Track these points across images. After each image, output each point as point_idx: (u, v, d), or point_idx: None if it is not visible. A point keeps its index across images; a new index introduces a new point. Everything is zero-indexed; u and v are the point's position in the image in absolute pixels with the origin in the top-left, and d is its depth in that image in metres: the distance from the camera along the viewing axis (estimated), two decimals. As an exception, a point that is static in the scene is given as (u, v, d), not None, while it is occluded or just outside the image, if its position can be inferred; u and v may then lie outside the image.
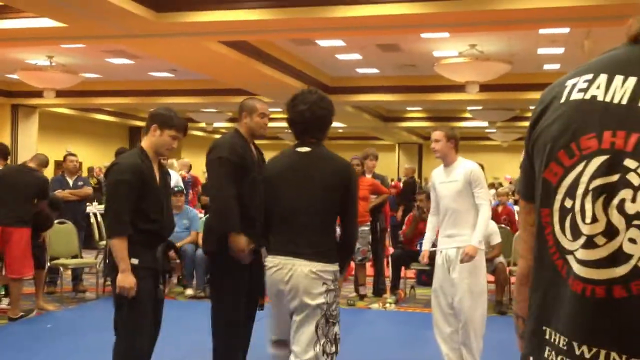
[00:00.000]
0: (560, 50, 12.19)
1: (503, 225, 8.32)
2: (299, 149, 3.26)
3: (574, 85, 1.26)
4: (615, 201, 1.12)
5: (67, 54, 13.09)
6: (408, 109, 21.33)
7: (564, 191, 1.19)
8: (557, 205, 1.20)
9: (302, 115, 3.21)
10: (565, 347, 1.16)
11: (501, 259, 7.43)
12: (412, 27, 8.95)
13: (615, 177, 1.12)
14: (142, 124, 23.85)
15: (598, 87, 1.21)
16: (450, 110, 21.13)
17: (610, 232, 1.12)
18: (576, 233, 1.16)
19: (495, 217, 8.76)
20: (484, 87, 12.74)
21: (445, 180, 4.62)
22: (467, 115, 20.48)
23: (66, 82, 13.10)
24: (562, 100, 1.25)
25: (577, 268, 1.15)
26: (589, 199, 1.14)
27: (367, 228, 7.52)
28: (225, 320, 3.94)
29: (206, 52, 10.40)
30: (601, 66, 1.26)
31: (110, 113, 21.35)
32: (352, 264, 7.67)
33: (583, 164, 1.16)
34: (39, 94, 14.33)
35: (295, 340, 3.12)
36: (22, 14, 8.75)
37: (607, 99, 1.18)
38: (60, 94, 14.34)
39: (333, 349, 3.14)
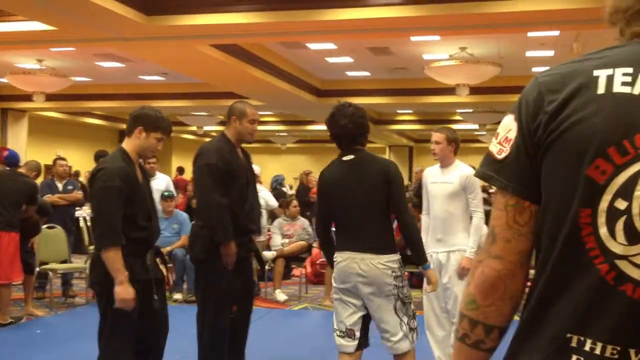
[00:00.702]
0: (549, 53, 12.26)
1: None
2: (345, 158, 3.62)
3: (610, 77, 1.14)
4: None
5: (57, 58, 13.04)
6: (398, 111, 21.38)
7: (614, 191, 1.09)
8: (603, 205, 1.10)
9: (346, 128, 3.58)
10: (616, 356, 1.08)
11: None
12: (403, 30, 8.96)
13: None
14: (132, 127, 23.75)
15: None
16: (440, 112, 21.18)
17: None
18: (633, 237, 1.08)
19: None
20: (474, 90, 12.78)
21: (439, 180, 4.57)
22: (458, 117, 20.53)
23: (56, 86, 13.03)
24: (601, 92, 1.13)
25: (637, 274, 1.07)
26: None
27: None
28: (210, 326, 3.93)
29: (197, 56, 10.38)
30: (633, 61, 1.16)
31: (101, 117, 21.27)
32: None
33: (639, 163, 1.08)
34: (28, 97, 14.25)
35: (383, 326, 3.56)
36: (11, 17, 8.71)
37: None
38: (50, 97, 14.28)
39: (415, 323, 3.61)
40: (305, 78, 14.59)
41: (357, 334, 3.61)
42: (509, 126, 1.25)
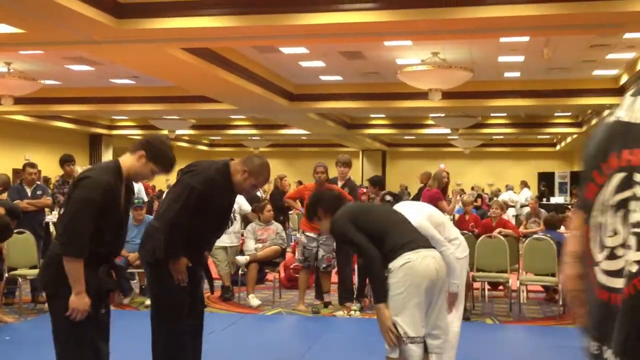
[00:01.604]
0: (520, 58, 12.40)
1: (466, 232, 8.39)
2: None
3: (621, 105, 1.36)
4: (629, 214, 1.21)
5: (26, 61, 12.86)
6: (372, 116, 21.46)
7: (597, 208, 1.29)
8: (592, 222, 1.31)
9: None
10: (596, 351, 1.29)
11: (464, 265, 7.48)
12: (375, 35, 9.00)
13: (628, 193, 1.21)
14: (102, 131, 23.55)
15: (622, 109, 1.30)
16: (413, 117, 21.32)
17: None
18: (601, 246, 1.27)
19: (462, 224, 8.83)
20: (447, 95, 12.88)
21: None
22: (430, 122, 20.67)
23: (25, 89, 12.85)
24: (608, 119, 1.37)
25: (602, 278, 1.26)
26: (611, 214, 1.24)
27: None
28: (166, 332, 3.89)
29: (168, 59, 10.30)
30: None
31: (71, 120, 21.02)
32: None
33: (608, 181, 1.26)
34: (-4, 101, 14.03)
35: (438, 323, 3.54)
36: (-22, 19, 8.57)
37: (630, 120, 1.27)
38: (18, 101, 14.05)
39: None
40: (278, 82, 14.57)
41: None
42: None
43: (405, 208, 4.05)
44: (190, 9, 8.18)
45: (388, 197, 7.53)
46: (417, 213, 3.99)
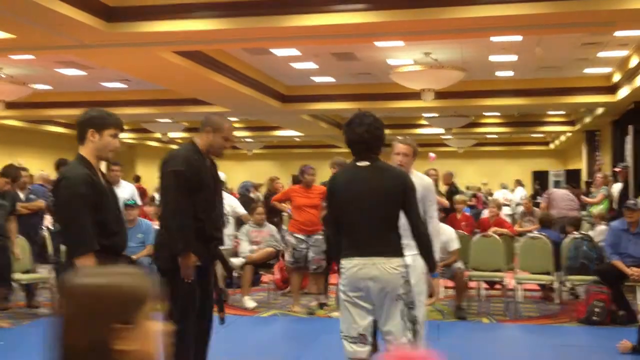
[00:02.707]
0: (512, 58, 12.41)
1: (461, 231, 8.40)
2: (359, 164, 3.66)
3: None
4: None
5: (17, 65, 12.80)
6: (364, 116, 21.42)
7: None
8: None
9: (362, 136, 3.63)
10: None
11: (459, 264, 7.49)
12: (366, 35, 8.99)
13: None
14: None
15: None
16: (406, 117, 21.30)
17: None
18: None
19: (455, 223, 8.84)
20: (439, 95, 12.87)
21: None
22: (423, 122, 20.68)
23: (16, 94, 12.79)
24: None
25: None
26: None
27: (320, 237, 7.49)
28: (176, 335, 3.88)
29: (159, 62, 10.27)
30: None
31: (62, 124, 20.95)
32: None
33: None
34: (-13, 106, 13.97)
35: (388, 329, 3.56)
36: (-32, 24, 8.51)
37: None
38: (9, 105, 13.98)
39: (416, 327, 3.64)
40: (270, 84, 14.54)
41: (369, 338, 3.61)
42: None
43: None
44: (181, 12, 8.15)
45: None
46: None
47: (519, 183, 19.57)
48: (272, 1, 7.95)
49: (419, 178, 4.57)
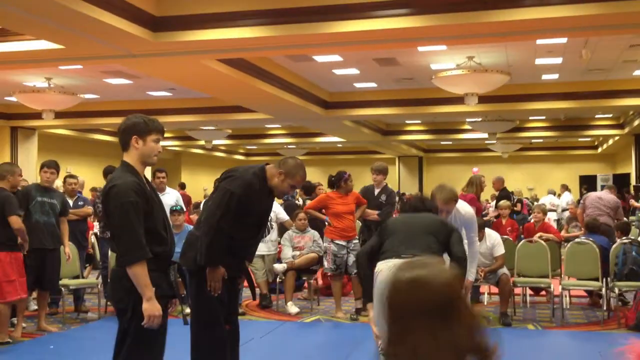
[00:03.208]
0: (558, 60, 12.22)
1: (506, 236, 8.30)
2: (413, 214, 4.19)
3: None
4: None
5: (66, 75, 13.12)
6: (407, 122, 21.36)
7: None
8: None
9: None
10: None
11: (505, 270, 7.40)
12: (409, 40, 8.95)
13: None
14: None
15: None
16: (449, 122, 21.16)
17: None
18: None
19: (500, 228, 8.74)
20: (483, 99, 12.75)
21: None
22: (467, 127, 20.49)
23: (65, 103, 13.10)
24: None
25: None
26: None
27: (357, 241, 7.56)
28: (206, 338, 3.92)
29: (204, 71, 10.41)
30: None
31: (109, 133, 21.38)
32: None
33: None
34: (37, 115, 14.34)
35: None
36: (20, 36, 8.77)
37: None
38: (59, 115, 14.35)
39: None
40: (313, 90, 14.60)
41: None
42: None
43: None
44: (225, 21, 8.25)
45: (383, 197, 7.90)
46: None
47: (565, 188, 19.21)
48: (315, 8, 7.99)
49: (459, 210, 4.89)
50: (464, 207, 5.01)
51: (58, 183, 8.45)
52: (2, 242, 6.29)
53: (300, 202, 12.31)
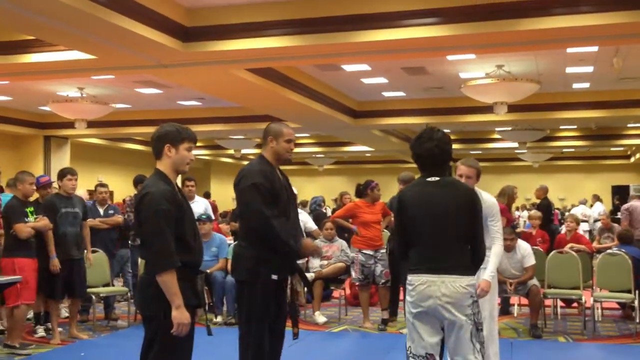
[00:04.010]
0: (589, 69, 12.08)
1: (536, 247, 8.20)
2: (429, 179, 3.64)
3: None
4: None
5: (98, 85, 13.32)
6: (436, 131, 21.24)
7: None
8: None
9: (432, 151, 3.62)
10: None
11: (535, 281, 7.31)
12: (438, 49, 8.93)
13: None
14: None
15: None
16: (478, 131, 21.01)
17: None
18: None
19: (530, 239, 8.64)
20: (513, 108, 12.65)
21: None
22: (496, 136, 20.33)
23: (97, 113, 13.30)
24: None
25: None
26: None
27: (384, 251, 7.54)
28: (253, 348, 3.92)
29: (233, 80, 10.50)
30: None
31: (141, 142, 21.65)
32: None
33: None
34: (70, 125, 14.59)
35: (456, 351, 3.46)
36: (53, 47, 8.92)
37: None
38: (91, 124, 14.57)
39: (483, 349, 3.52)
40: (341, 99, 14.62)
41: (437, 358, 3.51)
42: None
43: None
44: (254, 30, 8.32)
45: None
46: None
47: (596, 198, 18.95)
48: (343, 17, 8.02)
49: (481, 198, 4.51)
50: (487, 195, 4.68)
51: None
52: (15, 249, 6.42)
53: (328, 211, 12.32)
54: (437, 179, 3.62)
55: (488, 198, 4.65)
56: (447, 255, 3.49)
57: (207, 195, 16.78)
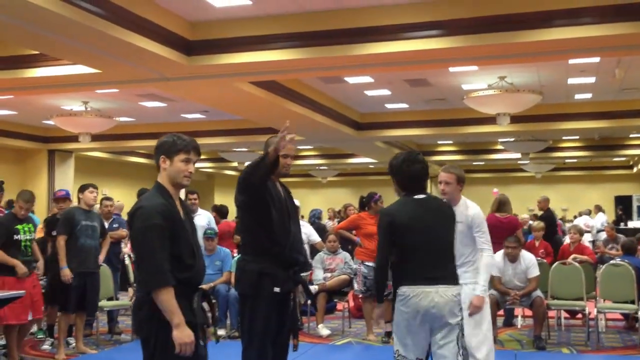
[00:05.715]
0: (591, 80, 12.11)
1: (540, 258, 8.19)
2: (417, 197, 3.88)
3: None
4: None
5: (102, 99, 13.38)
6: (439, 142, 21.29)
7: None
8: None
9: (421, 172, 3.93)
10: None
11: (539, 292, 7.30)
12: (440, 61, 8.97)
13: None
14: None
15: None
16: (481, 142, 21.03)
17: None
18: None
19: (533, 250, 8.62)
20: (515, 119, 12.68)
21: None
22: (499, 147, 20.34)
23: (101, 126, 13.35)
24: None
25: None
26: None
27: None
28: (257, 356, 3.93)
29: (237, 93, 10.55)
30: None
31: (145, 155, 21.69)
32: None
33: None
34: (74, 138, 14.63)
35: (443, 353, 3.69)
36: (57, 61, 8.99)
37: None
38: (95, 138, 14.63)
39: (466, 352, 3.79)
40: (344, 112, 14.67)
41: None
42: None
43: None
44: (257, 44, 8.37)
45: None
46: None
47: (599, 209, 18.93)
48: (346, 30, 8.07)
49: (465, 207, 4.55)
50: (472, 204, 4.66)
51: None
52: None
53: (329, 224, 12.30)
54: (424, 196, 3.89)
55: (473, 207, 4.64)
56: (440, 267, 3.75)
57: (220, 212, 16.49)
